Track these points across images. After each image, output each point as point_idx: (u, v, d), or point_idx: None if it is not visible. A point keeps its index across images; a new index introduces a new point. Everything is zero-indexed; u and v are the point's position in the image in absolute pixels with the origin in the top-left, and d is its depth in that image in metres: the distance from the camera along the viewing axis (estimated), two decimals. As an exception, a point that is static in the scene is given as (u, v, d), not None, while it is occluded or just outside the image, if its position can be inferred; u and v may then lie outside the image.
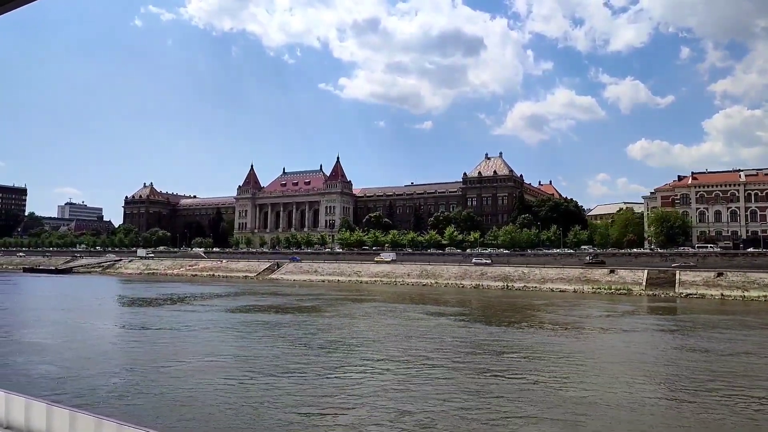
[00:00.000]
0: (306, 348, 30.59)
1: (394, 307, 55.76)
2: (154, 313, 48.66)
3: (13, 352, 27.77)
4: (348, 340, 33.81)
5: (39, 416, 3.48)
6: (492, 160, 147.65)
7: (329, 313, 48.98)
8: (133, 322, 41.92)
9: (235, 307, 54.41)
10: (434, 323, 42.35)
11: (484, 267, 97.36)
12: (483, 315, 50.60)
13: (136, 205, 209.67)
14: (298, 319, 44.38)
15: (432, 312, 50.57)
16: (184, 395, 19.33)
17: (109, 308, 54.48)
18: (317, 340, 33.45)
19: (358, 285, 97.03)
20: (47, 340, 31.86)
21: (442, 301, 63.24)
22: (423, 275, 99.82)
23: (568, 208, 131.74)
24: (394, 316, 46.94)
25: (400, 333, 36.44)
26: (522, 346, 31.71)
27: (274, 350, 29.38)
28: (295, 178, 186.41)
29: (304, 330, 37.84)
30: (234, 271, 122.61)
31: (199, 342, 31.92)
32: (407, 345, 31.57)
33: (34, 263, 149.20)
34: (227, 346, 30.55)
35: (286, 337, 34.00)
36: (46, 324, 39.43)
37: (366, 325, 41.17)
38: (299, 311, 50.62)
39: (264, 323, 41.36)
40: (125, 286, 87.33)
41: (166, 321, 42.09)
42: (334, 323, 42.04)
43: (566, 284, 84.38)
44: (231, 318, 44.71)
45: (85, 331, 36.66)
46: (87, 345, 30.83)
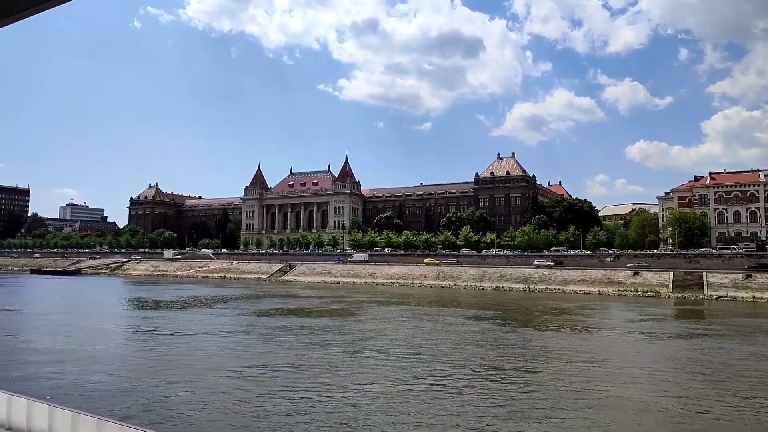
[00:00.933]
0: (359, 355, 28.91)
1: (425, 311, 54.07)
2: (183, 317, 46.89)
3: (44, 361, 26.08)
4: (399, 346, 32.08)
5: (41, 417, 3.43)
6: (504, 160, 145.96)
7: (363, 317, 47.28)
8: (166, 326, 40.17)
9: (263, 310, 52.67)
10: (477, 328, 40.66)
11: (506, 269, 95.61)
12: (522, 319, 48.85)
13: (141, 206, 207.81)
14: (335, 323, 42.65)
15: (469, 316, 48.84)
16: (251, 416, 17.62)
17: (131, 313, 52.71)
18: (367, 346, 31.76)
19: (375, 287, 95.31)
20: (73, 347, 30.18)
21: (470, 304, 61.49)
22: (440, 277, 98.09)
23: (582, 208, 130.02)
24: (432, 321, 45.24)
25: (452, 339, 34.75)
26: (588, 352, 30.06)
27: (328, 357, 27.71)
28: (302, 179, 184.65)
29: (347, 335, 36.16)
30: (245, 272, 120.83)
31: (244, 349, 30.19)
32: (470, 353, 29.88)
33: (40, 264, 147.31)
34: (278, 354, 28.80)
35: (335, 343, 32.30)
36: (73, 330, 37.70)
37: (409, 330, 39.42)
38: (331, 315, 48.88)
39: (302, 328, 39.60)
40: (139, 288, 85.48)
41: (199, 325, 40.37)
42: (374, 328, 40.32)
43: (589, 286, 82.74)
44: (266, 323, 42.97)
45: (114, 338, 34.94)
46: (120, 355, 29.13)
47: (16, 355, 27.62)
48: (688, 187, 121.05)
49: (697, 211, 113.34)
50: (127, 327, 39.70)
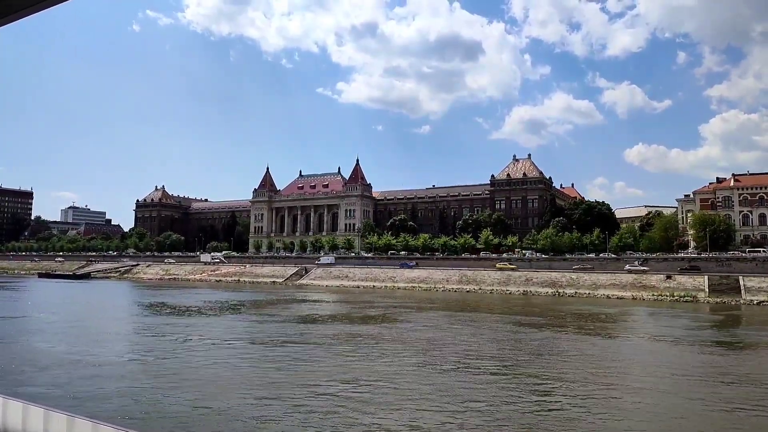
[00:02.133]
0: (443, 368, 26.58)
1: (468, 317, 51.77)
2: (220, 323, 44.49)
3: (90, 377, 23.71)
4: (480, 358, 29.75)
5: (36, 421, 3.43)
6: (521, 161, 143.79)
7: (412, 324, 44.89)
8: (210, 333, 37.78)
9: (300, 316, 50.24)
10: (540, 336, 38.34)
11: (531, 273, 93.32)
12: (574, 325, 46.52)
13: (147, 208, 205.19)
14: (387, 331, 40.29)
15: (518, 322, 46.52)
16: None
17: (160, 321, 50.22)
18: (442, 358, 29.42)
19: (396, 291, 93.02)
20: (111, 357, 27.85)
21: (506, 309, 59.18)
22: (463, 281, 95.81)
23: (601, 211, 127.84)
24: (483, 327, 42.97)
25: (527, 350, 32.42)
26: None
27: (417, 373, 25.37)
28: (312, 181, 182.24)
29: (410, 344, 33.82)
30: (260, 276, 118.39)
31: (316, 361, 27.83)
32: (553, 363, 27.57)
33: (48, 268, 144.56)
34: (354, 367, 26.45)
35: (404, 354, 29.97)
36: (109, 340, 35.34)
37: (468, 337, 37.10)
38: (376, 321, 46.55)
39: (355, 335, 37.22)
40: (156, 293, 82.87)
41: (243, 332, 38.04)
42: (432, 336, 37.95)
43: (621, 290, 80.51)
44: (316, 330, 40.59)
45: (157, 349, 32.52)
46: (169, 368, 26.73)
47: (55, 369, 25.27)
48: (710, 189, 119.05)
49: (720, 213, 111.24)
50: (167, 340, 37.29)
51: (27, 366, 25.69)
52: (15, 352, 29.51)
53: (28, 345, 32.09)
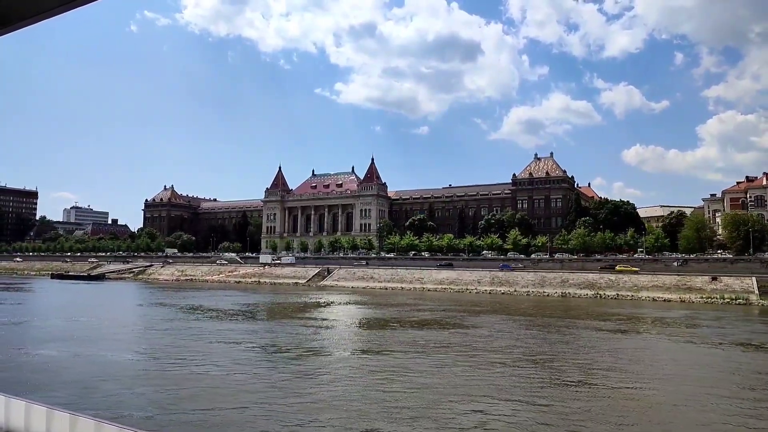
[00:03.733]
0: (562, 383, 23.76)
1: (533, 321, 48.90)
2: (285, 329, 41.53)
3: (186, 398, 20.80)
4: (599, 367, 26.93)
5: (39, 420, 3.43)
6: (543, 160, 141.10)
7: (479, 328, 42.00)
8: (289, 343, 34.88)
9: (355, 320, 47.34)
10: (643, 344, 35.54)
11: (565, 273, 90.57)
12: (664, 333, 43.72)
13: (156, 208, 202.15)
14: (465, 338, 37.40)
15: (598, 328, 43.70)
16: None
17: (223, 327, 47.22)
18: (563, 371, 26.59)
19: (426, 293, 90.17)
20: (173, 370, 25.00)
21: (562, 313, 56.38)
22: (495, 282, 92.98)
23: (627, 211, 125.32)
24: (566, 334, 40.13)
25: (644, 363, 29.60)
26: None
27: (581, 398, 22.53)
28: (325, 180, 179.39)
29: (509, 355, 30.95)
30: (280, 277, 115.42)
31: (427, 373, 24.95)
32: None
33: (59, 269, 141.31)
34: (477, 382, 23.59)
35: (523, 365, 27.12)
36: (194, 352, 32.42)
37: (563, 345, 34.26)
38: (438, 326, 43.68)
39: (436, 343, 34.31)
40: (183, 296, 79.57)
41: (325, 339, 35.14)
42: (520, 345, 35.13)
43: (665, 292, 77.70)
44: (390, 337, 37.74)
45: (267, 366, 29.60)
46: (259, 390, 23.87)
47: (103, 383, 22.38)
48: (741, 188, 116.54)
49: (753, 213, 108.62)
50: (262, 352, 34.31)
51: (107, 381, 22.80)
52: (95, 364, 26.60)
53: (100, 356, 29.17)
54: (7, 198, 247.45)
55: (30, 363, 26.28)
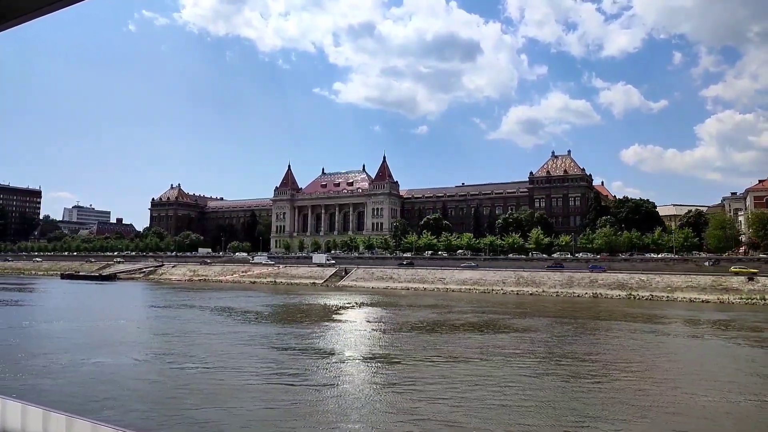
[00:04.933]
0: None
1: (598, 325, 46.57)
2: (339, 331, 39.19)
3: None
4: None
5: (35, 421, 3.43)
6: (560, 158, 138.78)
7: (536, 332, 39.72)
8: (355, 343, 32.56)
9: (398, 322, 44.99)
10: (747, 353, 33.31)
11: (594, 274, 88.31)
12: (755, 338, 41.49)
13: (163, 207, 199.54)
14: (526, 344, 35.11)
15: (658, 332, 41.46)
16: None
17: (274, 331, 44.87)
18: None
19: (450, 293, 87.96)
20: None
21: (609, 314, 54.12)
22: (521, 282, 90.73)
23: (648, 209, 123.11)
24: (624, 337, 37.89)
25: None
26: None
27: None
28: (336, 179, 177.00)
29: (595, 363, 28.68)
30: (296, 277, 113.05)
31: (524, 386, 22.67)
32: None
33: (68, 269, 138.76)
34: (593, 397, 21.29)
35: (621, 375, 24.85)
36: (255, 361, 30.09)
37: (642, 353, 32.00)
38: (488, 328, 41.40)
39: (509, 348, 32.03)
40: (204, 296, 77.15)
41: (390, 347, 32.80)
42: (593, 350, 32.85)
43: (700, 293, 75.49)
44: (447, 340, 35.43)
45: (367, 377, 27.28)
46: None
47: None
48: (766, 187, 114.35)
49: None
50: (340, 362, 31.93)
51: (187, 397, 20.48)
52: (171, 378, 24.26)
53: (182, 369, 26.85)
54: (10, 197, 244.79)
55: (91, 373, 23.91)
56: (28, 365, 25.41)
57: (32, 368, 24.68)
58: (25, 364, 25.58)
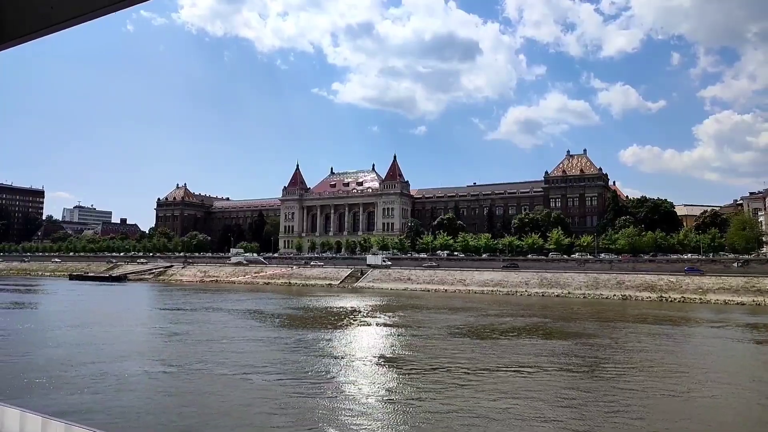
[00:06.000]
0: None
1: (650, 329, 44.49)
2: (400, 338, 37.04)
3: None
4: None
5: (34, 428, 3.42)
6: (576, 157, 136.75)
7: (599, 338, 37.64)
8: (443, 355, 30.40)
9: (446, 326, 42.90)
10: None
11: (622, 275, 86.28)
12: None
13: (169, 207, 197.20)
14: (593, 349, 33.03)
15: (733, 338, 39.43)
16: None
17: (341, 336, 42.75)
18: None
19: (472, 295, 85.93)
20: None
21: (654, 317, 52.08)
22: (544, 284, 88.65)
23: (667, 209, 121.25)
24: (702, 344, 35.86)
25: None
26: None
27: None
28: (345, 179, 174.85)
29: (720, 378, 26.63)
30: (310, 278, 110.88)
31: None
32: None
33: (75, 270, 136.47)
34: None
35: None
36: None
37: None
38: (538, 334, 39.32)
39: (572, 356, 29.96)
40: (224, 298, 74.92)
41: (455, 355, 30.70)
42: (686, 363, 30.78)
43: (733, 295, 73.46)
44: (516, 347, 33.33)
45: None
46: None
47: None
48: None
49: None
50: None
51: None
52: (243, 389, 22.13)
53: (257, 381, 24.72)
54: (13, 197, 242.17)
55: (145, 385, 21.76)
56: (73, 378, 23.26)
57: (78, 382, 22.54)
58: (70, 376, 23.43)
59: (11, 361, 26.70)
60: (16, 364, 25.85)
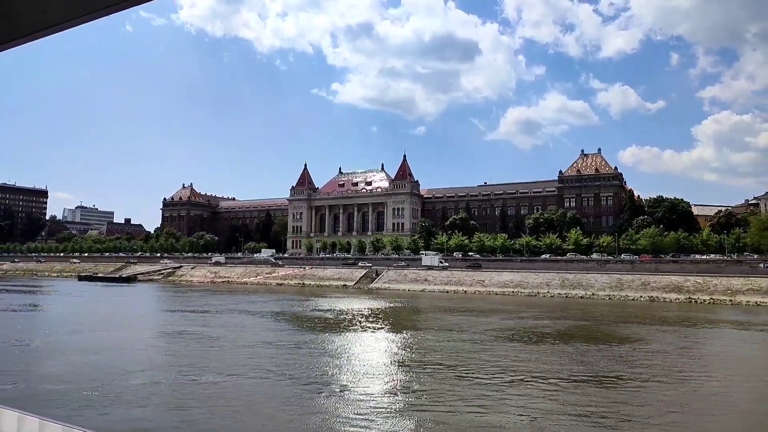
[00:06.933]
0: None
1: (707, 333, 42.86)
2: (497, 352, 35.33)
3: None
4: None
5: (31, 430, 3.42)
6: (590, 156, 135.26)
7: (652, 343, 35.97)
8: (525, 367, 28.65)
9: (495, 330, 41.26)
10: None
11: (646, 276, 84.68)
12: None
13: (175, 207, 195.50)
14: (660, 357, 31.38)
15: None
16: None
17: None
18: None
19: (493, 296, 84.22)
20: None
21: (697, 320, 50.48)
22: (566, 285, 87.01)
23: (684, 209, 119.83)
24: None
25: None
26: None
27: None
28: (353, 178, 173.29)
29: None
30: (324, 279, 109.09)
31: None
32: None
33: (82, 270, 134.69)
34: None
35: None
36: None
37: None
38: (580, 338, 37.65)
39: (650, 365, 28.28)
40: (245, 300, 73.15)
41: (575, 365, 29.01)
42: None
43: (764, 296, 71.66)
44: (581, 353, 31.63)
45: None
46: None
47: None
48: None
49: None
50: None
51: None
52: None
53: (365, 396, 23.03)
54: (16, 197, 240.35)
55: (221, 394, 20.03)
56: (130, 389, 21.55)
57: (148, 393, 20.84)
58: (125, 386, 21.73)
59: (53, 372, 24.98)
60: (64, 375, 24.13)
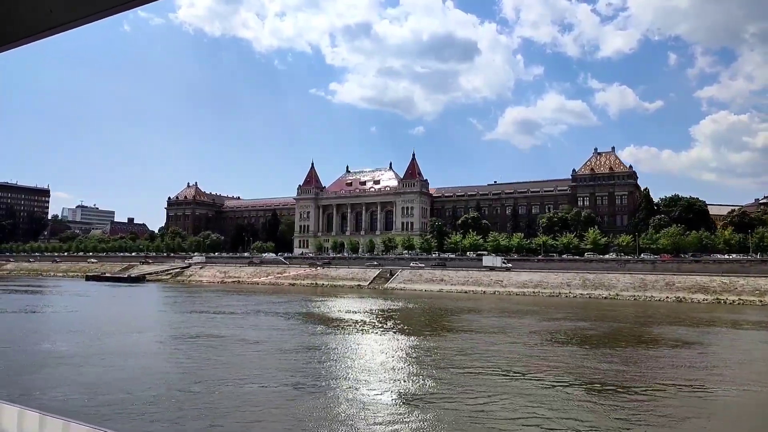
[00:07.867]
0: None
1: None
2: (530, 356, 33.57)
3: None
4: None
5: (32, 425, 3.42)
6: (604, 155, 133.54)
7: (711, 346, 34.27)
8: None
9: (540, 333, 39.49)
10: None
11: (669, 276, 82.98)
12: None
13: (180, 206, 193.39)
14: (733, 366, 29.65)
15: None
16: None
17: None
18: None
19: (511, 297, 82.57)
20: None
21: (746, 323, 48.81)
22: (587, 285, 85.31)
23: (701, 208, 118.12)
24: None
25: None
26: None
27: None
28: (361, 177, 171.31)
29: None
30: (337, 279, 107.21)
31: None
32: None
33: (89, 270, 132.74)
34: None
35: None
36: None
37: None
38: (625, 342, 35.91)
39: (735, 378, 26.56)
40: (263, 300, 71.26)
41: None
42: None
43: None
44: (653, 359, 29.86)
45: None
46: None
47: None
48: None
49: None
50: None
51: None
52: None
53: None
54: (18, 196, 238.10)
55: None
56: (199, 397, 19.74)
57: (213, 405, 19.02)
58: (198, 395, 19.91)
59: (99, 381, 23.16)
60: (111, 384, 22.31)
